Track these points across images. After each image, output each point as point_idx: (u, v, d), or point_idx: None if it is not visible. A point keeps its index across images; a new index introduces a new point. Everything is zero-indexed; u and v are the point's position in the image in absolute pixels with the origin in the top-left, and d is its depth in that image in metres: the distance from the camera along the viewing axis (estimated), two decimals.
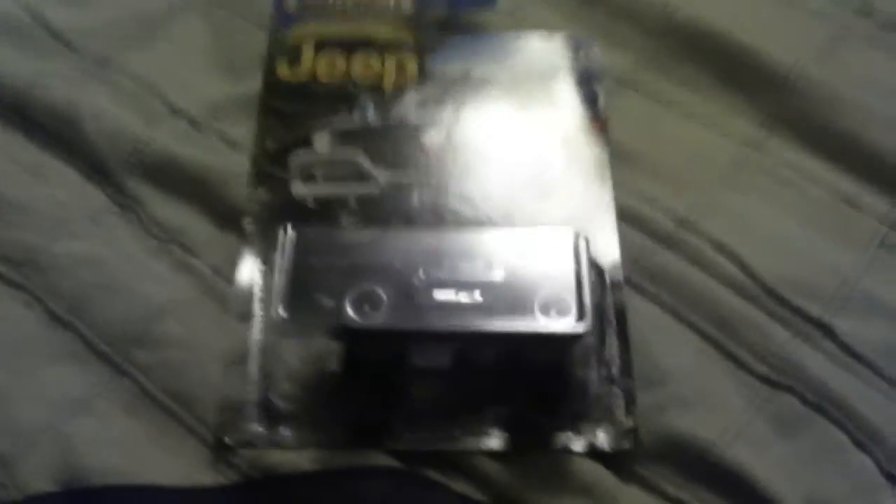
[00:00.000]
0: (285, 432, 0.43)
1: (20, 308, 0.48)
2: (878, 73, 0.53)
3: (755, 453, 0.42)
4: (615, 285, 0.47)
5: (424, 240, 0.44)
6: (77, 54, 0.56)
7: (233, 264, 0.48)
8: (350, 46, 0.55)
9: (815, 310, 0.46)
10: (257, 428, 0.43)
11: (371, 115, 0.52)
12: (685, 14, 0.55)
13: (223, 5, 0.58)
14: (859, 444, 0.43)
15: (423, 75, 0.54)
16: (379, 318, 0.41)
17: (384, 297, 0.42)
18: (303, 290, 0.42)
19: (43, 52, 0.56)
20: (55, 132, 0.53)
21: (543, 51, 0.55)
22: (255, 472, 0.43)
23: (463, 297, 0.42)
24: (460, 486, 0.43)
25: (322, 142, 0.51)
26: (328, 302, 0.42)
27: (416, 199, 0.50)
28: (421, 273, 0.42)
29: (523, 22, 0.57)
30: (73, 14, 0.58)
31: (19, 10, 0.58)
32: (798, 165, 0.51)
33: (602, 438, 0.43)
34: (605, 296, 0.46)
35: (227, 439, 0.43)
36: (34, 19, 0.57)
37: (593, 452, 0.43)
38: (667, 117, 0.53)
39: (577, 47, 0.55)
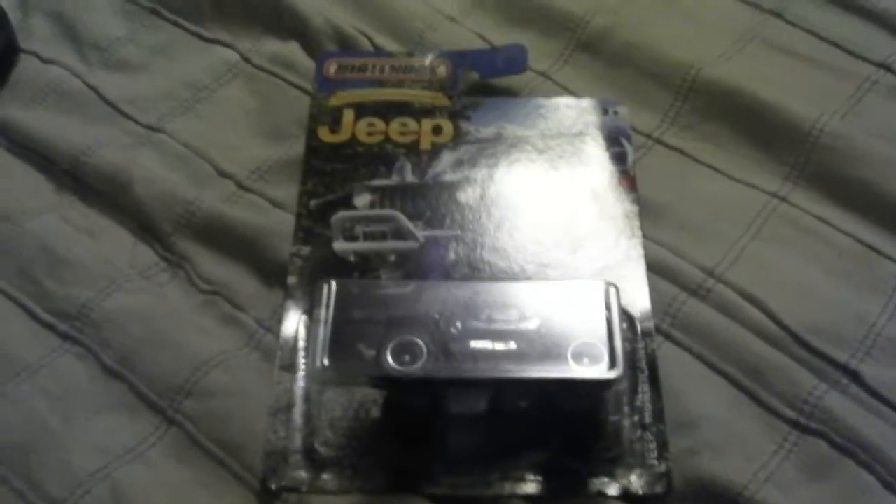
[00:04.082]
0: (328, 477, 0.44)
1: (73, 360, 0.49)
2: None
3: (785, 496, 0.43)
4: (646, 334, 0.48)
5: (461, 291, 0.45)
6: (129, 121, 0.59)
7: (277, 318, 0.50)
8: (388, 110, 0.57)
9: (842, 356, 0.47)
10: (301, 474, 0.45)
11: (408, 174, 0.54)
12: (708, 74, 0.57)
13: (266, 73, 0.60)
14: (888, 486, 0.43)
15: (457, 137, 0.56)
16: (417, 367, 0.43)
17: (423, 346, 0.43)
18: (344, 340, 0.44)
19: (96, 119, 0.59)
20: (108, 195, 0.55)
21: (573, 113, 0.57)
22: None
23: (498, 346, 0.43)
24: None
25: (362, 200, 0.53)
26: (369, 352, 0.43)
27: (452, 253, 0.51)
28: (458, 323, 0.44)
29: (553, 85, 0.59)
30: (124, 83, 0.61)
31: (73, 79, 0.61)
32: (823, 217, 0.52)
33: (635, 483, 0.44)
34: (637, 344, 0.48)
35: (272, 485, 0.44)
36: (88, 89, 0.60)
37: (627, 497, 0.44)
38: (693, 172, 0.55)
39: (605, 108, 0.57)
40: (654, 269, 0.50)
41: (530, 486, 0.44)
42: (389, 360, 0.43)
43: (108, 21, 0.64)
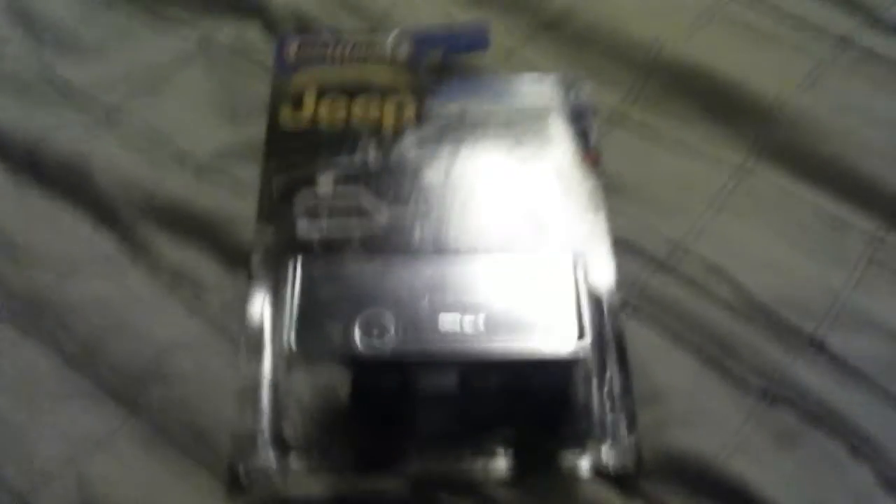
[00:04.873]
0: (297, 461, 0.44)
1: (35, 350, 0.49)
2: (859, 100, 0.55)
3: (755, 466, 0.43)
4: (612, 310, 0.48)
5: (428, 266, 0.45)
6: (85, 105, 0.58)
7: (242, 302, 0.49)
8: (350, 91, 0.57)
9: (808, 326, 0.47)
10: (269, 457, 0.44)
11: (372, 154, 0.54)
12: (671, 51, 0.57)
13: (227, 54, 0.60)
14: (857, 454, 0.44)
15: (421, 116, 0.56)
16: (386, 346, 0.42)
17: (391, 324, 0.43)
18: (311, 319, 0.43)
19: (52, 104, 0.58)
20: (66, 181, 0.54)
21: (536, 90, 0.57)
22: (269, 501, 0.44)
23: (467, 321, 0.43)
24: None
25: (325, 182, 0.53)
26: (337, 331, 0.43)
27: (417, 234, 0.51)
28: (426, 298, 0.44)
29: (516, 64, 0.59)
30: (80, 67, 0.60)
31: (28, 64, 0.60)
32: (786, 189, 0.53)
33: (606, 457, 0.44)
34: (604, 319, 0.48)
35: (240, 469, 0.44)
36: (43, 73, 0.59)
37: (598, 471, 0.44)
38: (657, 149, 0.55)
39: (568, 86, 0.57)
40: (620, 244, 0.50)
41: (501, 463, 0.44)
42: (357, 338, 0.43)
43: (63, 2, 0.63)
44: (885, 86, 0.56)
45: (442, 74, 0.58)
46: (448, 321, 0.43)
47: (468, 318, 0.43)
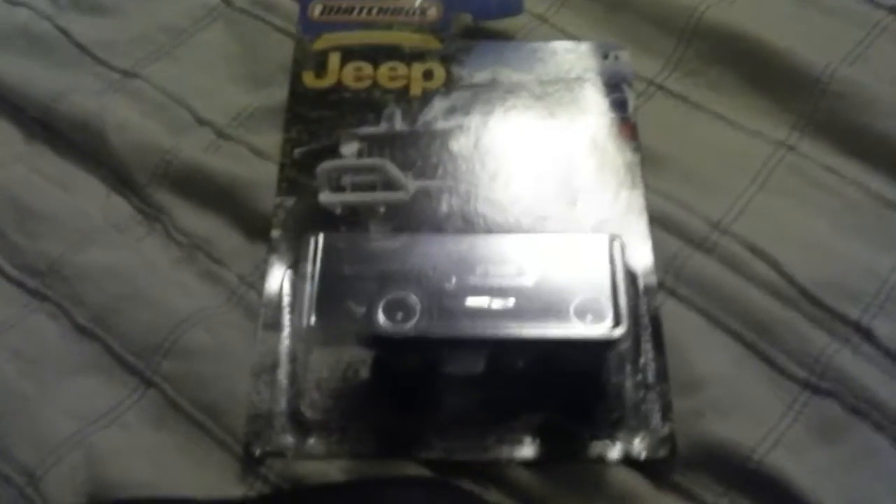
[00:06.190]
0: (315, 442, 0.43)
1: (44, 319, 0.47)
2: None
3: (795, 459, 0.42)
4: (649, 290, 0.46)
5: (456, 246, 0.43)
6: (102, 67, 0.56)
7: (261, 273, 0.47)
8: (376, 55, 0.55)
9: (853, 313, 0.45)
10: (286, 438, 0.43)
11: (398, 122, 0.52)
12: (713, 17, 0.55)
13: (247, 16, 0.58)
14: None
15: (450, 82, 0.54)
16: (410, 326, 0.41)
17: (416, 304, 0.41)
18: (333, 297, 0.42)
19: (68, 64, 0.56)
20: (80, 144, 0.53)
21: (570, 58, 0.55)
22: (285, 482, 0.42)
23: (496, 304, 0.41)
24: (493, 496, 0.42)
25: (349, 149, 0.51)
26: (359, 309, 0.41)
27: (444, 205, 0.49)
28: (453, 279, 0.42)
29: (549, 30, 0.57)
30: (97, 27, 0.58)
31: (44, 23, 0.58)
32: (832, 167, 0.50)
33: (638, 446, 0.42)
34: (640, 301, 0.46)
35: (255, 450, 0.42)
36: (59, 32, 0.58)
37: (629, 461, 0.42)
38: (697, 121, 0.53)
39: (605, 53, 0.55)
40: (657, 221, 0.48)
41: (528, 450, 0.42)
42: (381, 317, 0.41)
43: None
44: None
45: (472, 38, 0.56)
46: (476, 302, 0.41)
47: (497, 301, 0.41)
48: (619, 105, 0.53)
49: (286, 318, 0.46)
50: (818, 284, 0.46)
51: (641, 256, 0.47)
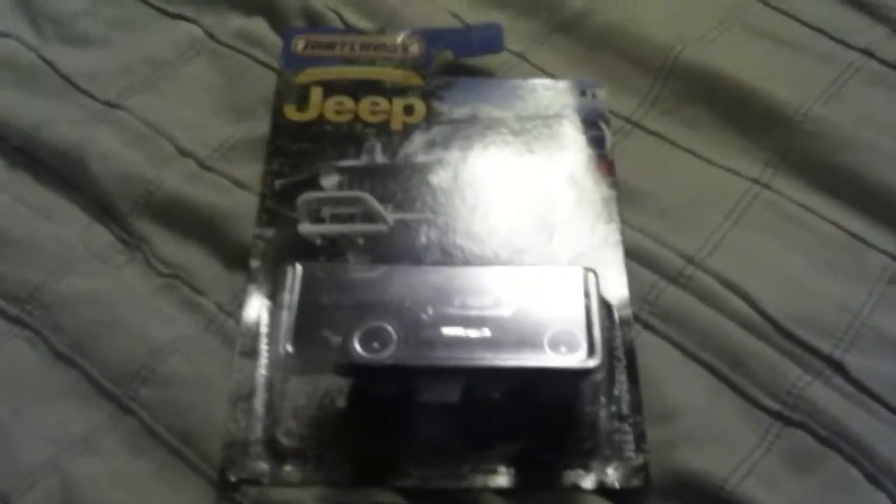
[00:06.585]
0: (290, 469, 0.42)
1: (23, 345, 0.47)
2: (883, 111, 0.54)
3: (768, 490, 0.42)
4: (624, 322, 0.46)
5: (432, 276, 0.44)
6: (86, 97, 0.56)
7: (238, 302, 0.48)
8: (358, 89, 0.55)
9: (825, 346, 0.46)
10: (262, 465, 0.42)
11: (379, 155, 0.52)
12: (689, 57, 0.56)
13: (231, 49, 0.58)
14: (873, 480, 0.42)
15: (430, 117, 0.54)
16: (387, 355, 0.41)
17: (392, 333, 0.41)
18: (310, 326, 0.42)
19: (51, 94, 0.56)
20: (62, 173, 0.53)
21: (550, 94, 0.56)
22: None
23: (472, 334, 0.42)
24: None
25: (330, 182, 0.51)
26: (336, 338, 0.41)
27: (423, 237, 0.49)
28: (429, 309, 0.42)
29: (530, 66, 0.58)
30: (82, 58, 0.58)
31: (28, 53, 0.58)
32: (805, 204, 0.51)
33: (612, 476, 0.42)
34: (615, 333, 0.46)
35: (231, 476, 0.42)
36: (44, 63, 0.58)
37: (603, 490, 0.42)
38: (673, 157, 0.54)
39: (582, 90, 0.56)
40: (633, 255, 0.49)
41: (503, 479, 0.42)
42: (357, 347, 0.41)
43: None
44: None
45: (452, 76, 0.57)
46: (452, 333, 0.41)
47: (473, 331, 0.41)
48: (596, 141, 0.53)
49: (263, 347, 0.46)
50: (791, 318, 0.47)
51: (617, 289, 0.47)
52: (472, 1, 0.61)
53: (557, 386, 0.43)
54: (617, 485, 0.42)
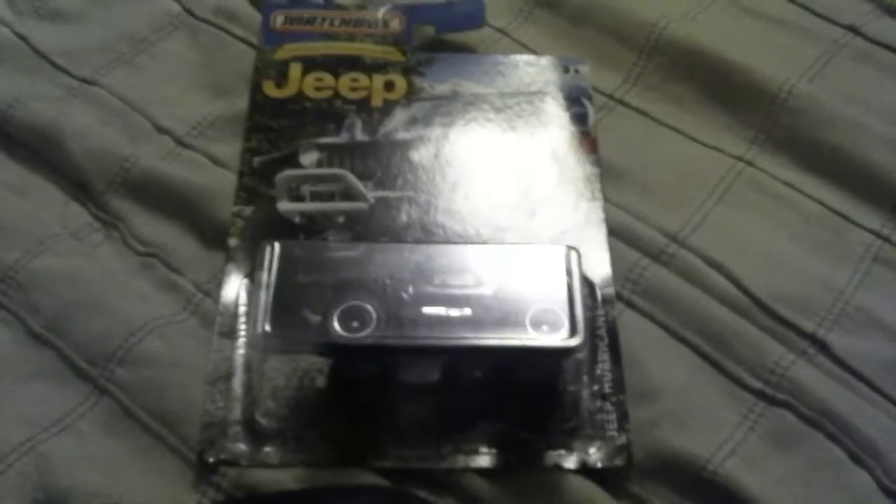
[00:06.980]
0: (269, 450, 0.42)
1: None
2: (868, 89, 0.54)
3: (750, 469, 0.42)
4: (606, 301, 0.46)
5: (413, 255, 0.43)
6: (61, 74, 0.55)
7: (217, 282, 0.47)
8: (338, 65, 0.55)
9: (809, 325, 0.46)
10: (241, 446, 0.42)
11: (359, 132, 0.52)
12: (673, 33, 0.56)
13: (209, 25, 0.58)
14: (856, 459, 0.42)
15: (411, 94, 0.54)
16: (366, 334, 0.41)
17: (372, 312, 0.41)
18: (288, 305, 0.41)
19: (26, 71, 0.56)
20: (38, 151, 0.52)
21: (532, 71, 0.55)
22: (239, 490, 0.42)
23: (453, 313, 0.41)
24: None
25: (309, 159, 0.51)
26: (314, 318, 0.41)
27: (404, 215, 0.49)
28: (410, 288, 0.42)
29: (511, 43, 0.57)
30: (58, 34, 0.57)
31: (2, 29, 0.57)
32: (789, 181, 0.51)
33: (594, 455, 0.42)
34: (597, 311, 0.46)
35: (209, 458, 0.42)
36: (18, 39, 0.57)
37: (585, 470, 0.42)
38: (656, 135, 0.53)
39: (565, 67, 0.55)
40: (616, 233, 0.49)
41: (484, 459, 0.42)
42: (336, 326, 0.41)
43: None
44: (893, 76, 0.55)
45: (434, 52, 0.56)
46: (433, 312, 0.41)
47: (454, 311, 0.41)
48: (579, 118, 0.53)
49: (242, 327, 0.45)
50: (774, 297, 0.46)
51: (599, 267, 0.47)
52: None
53: (539, 365, 0.43)
54: (599, 464, 0.42)
